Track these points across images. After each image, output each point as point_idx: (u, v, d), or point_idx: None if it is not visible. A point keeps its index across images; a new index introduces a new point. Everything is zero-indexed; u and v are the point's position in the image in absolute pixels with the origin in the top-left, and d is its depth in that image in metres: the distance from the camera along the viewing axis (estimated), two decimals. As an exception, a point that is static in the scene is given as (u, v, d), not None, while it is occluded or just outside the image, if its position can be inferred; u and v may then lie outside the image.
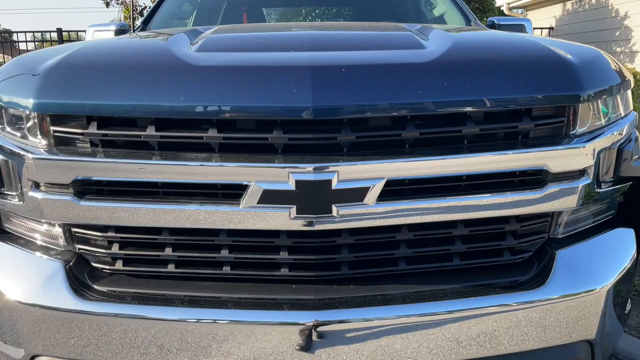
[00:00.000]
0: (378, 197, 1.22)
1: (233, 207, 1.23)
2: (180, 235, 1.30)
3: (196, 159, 1.22)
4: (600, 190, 1.36)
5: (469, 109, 1.23)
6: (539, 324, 1.25)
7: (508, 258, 1.36)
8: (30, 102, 1.24)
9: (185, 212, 1.25)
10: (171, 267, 1.33)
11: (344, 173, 1.19)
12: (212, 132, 1.21)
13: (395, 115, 1.22)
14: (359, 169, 1.20)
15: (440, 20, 2.91)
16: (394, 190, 1.25)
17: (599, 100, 1.33)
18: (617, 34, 7.86)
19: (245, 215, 1.23)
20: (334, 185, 1.19)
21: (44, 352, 1.23)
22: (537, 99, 1.25)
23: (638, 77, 5.61)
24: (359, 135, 1.21)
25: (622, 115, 1.44)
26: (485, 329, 1.22)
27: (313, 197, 1.19)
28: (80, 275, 1.32)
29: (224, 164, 1.20)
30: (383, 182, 1.21)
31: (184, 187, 1.26)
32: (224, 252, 1.30)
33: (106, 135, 1.26)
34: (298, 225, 1.22)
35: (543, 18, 10.16)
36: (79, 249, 1.36)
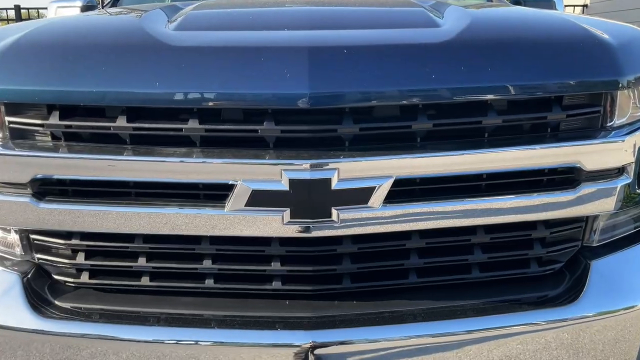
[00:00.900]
0: (385, 199, 1.22)
1: (217, 211, 1.23)
2: (156, 243, 1.30)
3: (174, 155, 1.22)
4: (642, 191, 1.38)
5: (490, 96, 1.23)
6: (572, 346, 1.25)
7: (535, 269, 1.36)
8: (-21, 89, 1.22)
9: (161, 216, 1.25)
10: (145, 280, 1.33)
11: (345, 171, 1.19)
12: (193, 124, 1.21)
13: (404, 104, 1.22)
14: (363, 166, 1.20)
15: (457, -5, 2.97)
16: (404, 191, 1.26)
17: None
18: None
19: (231, 220, 1.23)
20: (334, 185, 1.19)
21: (-3, 379, 1.25)
22: (569, 85, 1.24)
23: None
24: (363, 127, 1.21)
25: (668, 105, 1.42)
26: (509, 351, 1.23)
27: (310, 199, 1.19)
28: (40, 290, 1.32)
29: (206, 160, 1.20)
30: (391, 181, 1.22)
31: (160, 187, 1.26)
32: (207, 263, 1.31)
33: (70, 126, 1.25)
34: (292, 231, 1.23)
35: (575, -6, 10.03)
36: (39, 259, 1.36)
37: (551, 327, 1.24)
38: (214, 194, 1.24)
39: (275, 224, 1.23)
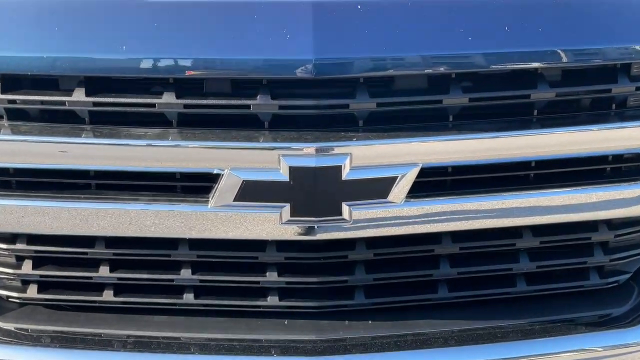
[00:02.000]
0: (409, 193, 1.22)
1: (198, 207, 1.23)
2: (122, 248, 1.30)
3: (145, 137, 1.21)
4: None
5: (539, 64, 1.21)
6: (641, 379, 1.28)
7: (596, 282, 1.36)
8: None
9: (128, 215, 1.24)
10: (109, 295, 1.32)
11: (359, 157, 1.19)
12: (169, 98, 1.19)
13: (433, 73, 1.21)
14: (382, 151, 1.19)
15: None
16: (432, 182, 1.25)
17: None
18: None
19: (216, 219, 1.23)
20: (345, 174, 1.18)
21: None
22: (638, 51, 1.23)
23: None
24: (381, 102, 1.20)
25: None
26: (563, 384, 1.26)
27: (315, 192, 1.19)
28: (-25, 308, 1.34)
29: (185, 144, 1.20)
30: (416, 170, 1.21)
31: (126, 178, 1.25)
32: (185, 273, 1.30)
33: (14, 101, 1.23)
34: (293, 232, 1.22)
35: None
36: (-27, 269, 1.36)
37: (615, 354, 1.25)
38: (195, 186, 1.24)
39: (272, 224, 1.22)
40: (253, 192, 1.20)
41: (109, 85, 1.22)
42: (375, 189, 1.21)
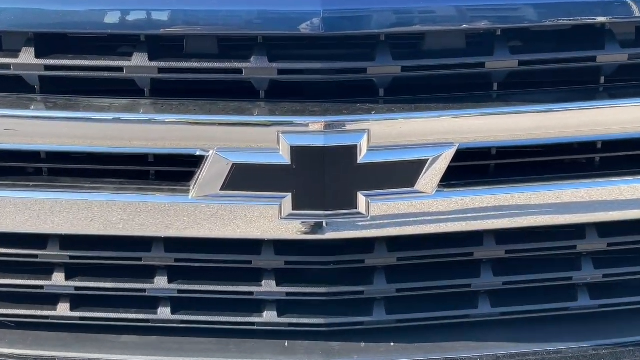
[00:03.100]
0: (442, 180, 1.21)
1: (177, 198, 1.23)
2: (81, 250, 1.29)
3: (109, 109, 1.21)
4: None
5: (607, 18, 1.19)
6: None
7: None
8: None
9: (88, 207, 1.23)
10: (64, 309, 1.31)
11: (379, 134, 1.17)
12: (140, 60, 1.18)
13: (473, 30, 1.20)
14: (408, 128, 1.19)
15: None
16: (471, 168, 1.25)
17: None
18: None
19: (199, 213, 1.22)
20: (362, 156, 1.18)
21: None
22: None
23: None
24: (407, 65, 1.19)
25: None
26: None
27: (323, 179, 1.18)
28: None
29: (159, 118, 1.19)
30: (451, 152, 1.20)
31: (87, 162, 1.25)
32: (160, 281, 1.30)
33: None
34: (295, 230, 1.22)
35: None
36: None
37: None
38: (172, 171, 1.23)
39: (269, 220, 1.21)
40: (245, 178, 1.19)
41: (65, 45, 1.22)
42: (399, 175, 1.20)
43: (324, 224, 1.21)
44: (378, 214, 1.21)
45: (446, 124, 1.20)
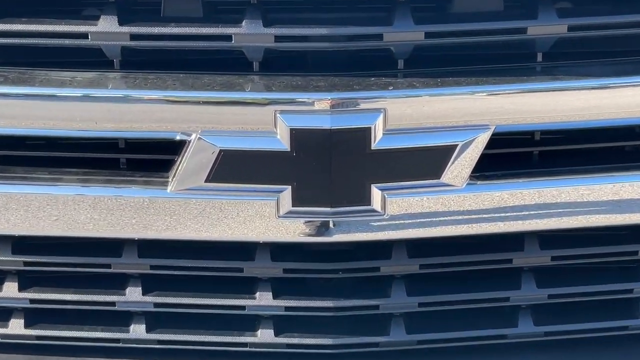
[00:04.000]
0: (474, 171, 1.21)
1: (153, 191, 1.23)
2: (37, 255, 1.30)
3: (71, 84, 1.20)
4: None
5: None
6: None
7: None
8: None
9: (47, 203, 1.23)
10: (17, 326, 1.32)
11: (398, 115, 1.17)
12: (108, 24, 1.18)
13: None
14: (432, 106, 1.18)
15: None
16: (509, 155, 1.26)
17: None
18: None
19: (180, 210, 1.22)
20: (377, 141, 1.17)
21: None
22: None
23: None
24: (432, 30, 1.19)
25: None
26: None
27: (330, 169, 1.17)
28: None
29: (132, 94, 1.19)
30: (485, 135, 1.19)
31: (44, 148, 1.26)
32: (133, 293, 1.30)
33: None
34: (295, 232, 1.22)
35: None
36: None
37: None
38: (148, 159, 1.24)
39: (264, 218, 1.21)
40: (235, 168, 1.19)
41: (17, 6, 1.22)
42: (422, 165, 1.20)
43: (331, 224, 1.21)
44: (396, 212, 1.21)
45: (480, 102, 1.19)
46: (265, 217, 1.21)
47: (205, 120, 1.18)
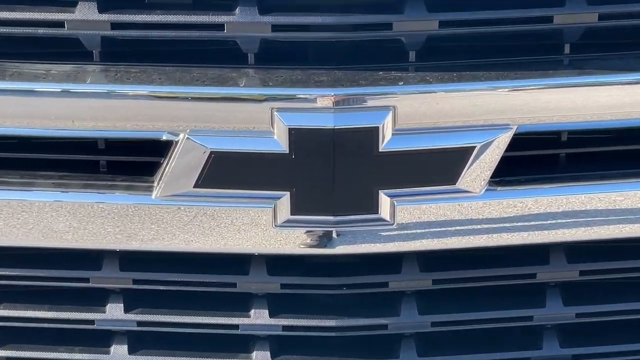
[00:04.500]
0: (493, 176, 1.20)
1: (136, 198, 1.23)
2: (6, 268, 1.31)
3: (46, 78, 1.20)
4: None
5: None
6: None
7: None
8: None
9: (17, 210, 1.23)
10: None
11: (409, 113, 1.17)
12: (86, 11, 1.17)
13: None
14: (448, 104, 1.17)
15: None
16: (533, 159, 1.26)
17: None
18: None
19: (166, 218, 1.22)
20: (385, 142, 1.17)
21: None
22: None
23: None
24: (446, 18, 1.18)
25: None
26: None
27: (333, 173, 1.17)
28: None
29: (114, 90, 1.19)
30: (506, 136, 1.18)
31: (15, 149, 1.26)
32: (114, 310, 1.30)
33: None
34: (294, 243, 1.22)
35: None
36: None
37: None
38: (130, 162, 1.24)
39: (259, 227, 1.21)
40: (227, 172, 1.19)
41: None
42: (436, 168, 1.19)
43: (334, 234, 1.21)
44: (406, 221, 1.21)
45: (500, 99, 1.18)
46: (261, 227, 1.20)
47: (194, 119, 1.17)
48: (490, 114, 1.18)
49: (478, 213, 1.21)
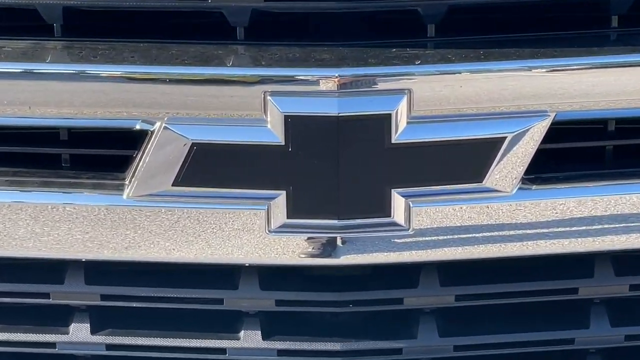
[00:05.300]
0: (527, 172, 1.20)
1: (103, 197, 1.24)
2: None
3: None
4: None
5: None
6: None
7: None
8: None
9: None
10: None
11: (427, 98, 1.17)
12: None
13: None
14: (474, 87, 1.17)
15: None
16: (573, 151, 1.26)
17: None
18: None
19: (140, 222, 1.22)
20: (399, 132, 1.17)
21: None
22: None
23: None
24: None
25: None
26: None
27: (337, 169, 1.18)
28: None
29: (77, 69, 1.19)
30: (544, 125, 1.18)
31: None
32: (79, 331, 1.30)
33: None
34: (291, 250, 1.22)
35: None
36: None
37: None
38: (98, 155, 1.24)
39: (250, 233, 1.22)
40: (212, 167, 1.20)
41: None
42: (459, 163, 1.20)
43: (338, 241, 1.21)
44: (424, 226, 1.21)
45: (536, 81, 1.18)
46: (253, 232, 1.21)
47: (172, 105, 1.17)
48: (524, 99, 1.17)
49: (509, 216, 1.21)
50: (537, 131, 1.17)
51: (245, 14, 1.17)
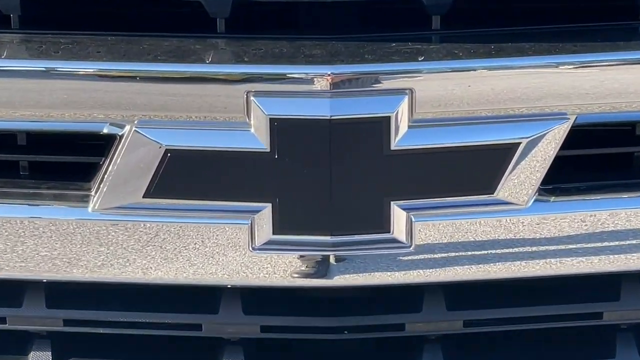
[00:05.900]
0: (544, 182, 1.21)
1: (66, 211, 1.24)
2: None
3: None
4: None
5: None
6: None
7: None
8: None
9: None
10: None
11: (431, 99, 1.18)
12: None
13: None
14: (484, 87, 1.17)
15: None
16: (595, 159, 1.26)
17: None
18: None
19: (108, 239, 1.22)
20: (399, 137, 1.18)
21: None
22: None
23: None
24: None
25: None
26: None
27: (329, 178, 1.18)
28: None
29: (36, 66, 1.20)
30: (563, 129, 1.19)
31: None
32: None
33: None
34: (278, 270, 1.22)
35: None
36: None
37: None
38: (60, 162, 1.24)
39: (232, 251, 1.23)
40: (189, 176, 1.21)
41: None
42: (467, 173, 1.21)
43: (331, 260, 1.22)
44: (428, 242, 1.22)
45: (554, 79, 1.19)
46: (234, 250, 1.22)
47: (144, 106, 1.19)
48: (541, 100, 1.18)
49: (524, 232, 1.22)
50: (556, 136, 1.17)
51: (227, 3, 1.18)
